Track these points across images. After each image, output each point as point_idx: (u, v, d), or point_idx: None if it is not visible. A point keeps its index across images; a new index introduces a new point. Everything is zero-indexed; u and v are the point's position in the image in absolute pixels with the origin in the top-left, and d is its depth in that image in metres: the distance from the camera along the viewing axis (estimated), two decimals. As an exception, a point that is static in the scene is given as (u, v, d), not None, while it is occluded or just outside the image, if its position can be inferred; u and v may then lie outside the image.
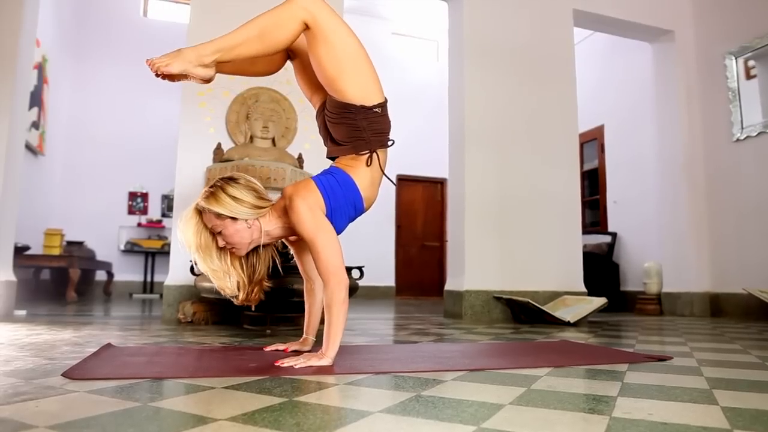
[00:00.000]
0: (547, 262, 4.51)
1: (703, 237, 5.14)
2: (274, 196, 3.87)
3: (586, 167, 6.98)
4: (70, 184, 7.71)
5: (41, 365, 1.58)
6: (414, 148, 8.87)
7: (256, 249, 1.84)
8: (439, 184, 9.45)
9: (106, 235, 7.78)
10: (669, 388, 1.36)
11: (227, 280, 1.80)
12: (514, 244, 4.45)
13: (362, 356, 1.88)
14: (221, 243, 1.75)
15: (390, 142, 1.88)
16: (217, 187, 1.74)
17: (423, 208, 9.46)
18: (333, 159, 1.94)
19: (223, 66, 1.82)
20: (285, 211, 1.77)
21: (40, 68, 6.31)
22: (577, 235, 4.69)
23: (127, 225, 7.97)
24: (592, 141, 6.96)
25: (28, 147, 5.93)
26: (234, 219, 1.71)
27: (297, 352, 1.89)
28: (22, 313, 3.68)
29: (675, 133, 5.30)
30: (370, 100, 1.78)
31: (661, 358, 1.90)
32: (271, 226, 1.79)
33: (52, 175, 7.31)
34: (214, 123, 3.88)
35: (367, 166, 1.83)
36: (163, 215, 8.17)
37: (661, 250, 5.46)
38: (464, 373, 1.54)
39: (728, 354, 2.11)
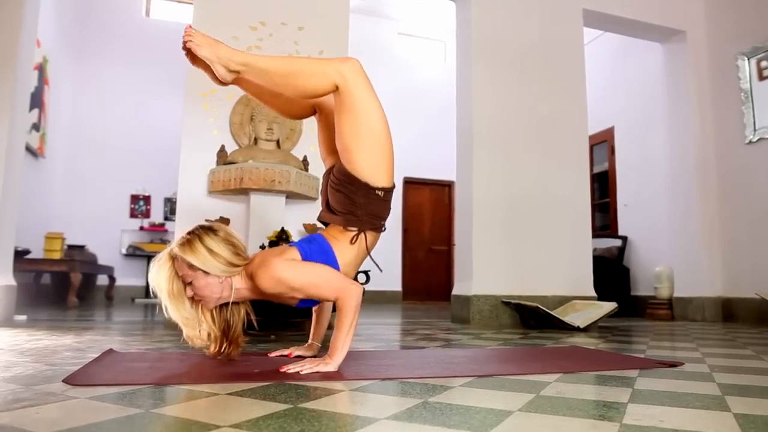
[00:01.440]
0: (557, 267, 4.46)
1: (715, 240, 5.09)
2: (280, 199, 3.85)
3: (596, 170, 6.96)
4: (71, 187, 7.65)
5: (42, 371, 1.57)
6: (421, 150, 8.86)
7: (227, 303, 1.77)
8: (447, 186, 9.38)
9: (108, 238, 7.70)
10: (680, 394, 1.36)
11: (197, 330, 1.74)
12: (522, 248, 4.41)
13: (369, 362, 1.86)
14: (189, 293, 1.69)
15: (383, 229, 1.87)
16: (194, 235, 1.69)
17: (430, 211, 9.39)
18: (325, 224, 1.92)
19: (247, 83, 1.84)
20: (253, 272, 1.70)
21: (41, 69, 6.25)
22: (587, 239, 4.65)
23: (129, 228, 7.90)
24: (603, 143, 6.94)
25: (29, 149, 5.88)
26: (206, 272, 1.65)
27: (301, 358, 1.87)
28: (23, 318, 3.64)
29: (686, 135, 5.25)
30: (376, 181, 1.77)
31: (673, 364, 1.89)
32: (242, 285, 1.73)
33: (52, 177, 7.26)
34: (218, 124, 3.84)
35: (351, 244, 1.80)
36: (166, 218, 8.10)
37: (673, 253, 5.40)
38: (472, 380, 1.53)
39: (741, 360, 2.10)
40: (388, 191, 1.82)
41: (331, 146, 1.93)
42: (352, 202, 1.78)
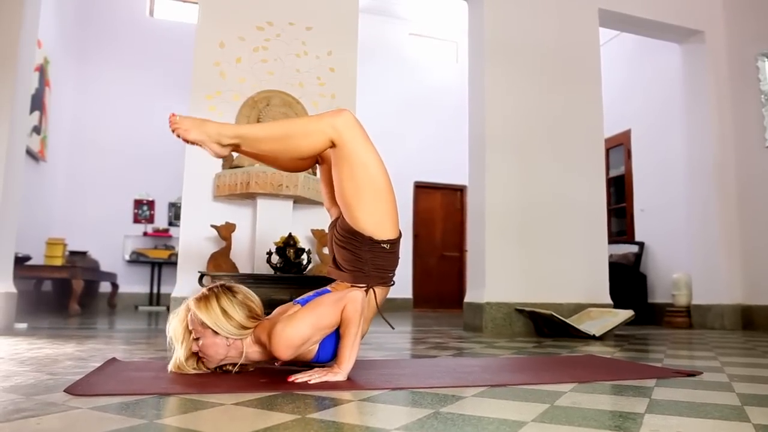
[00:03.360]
0: (572, 273, 4.42)
1: (735, 247, 5.04)
2: (287, 204, 3.74)
3: (612, 174, 6.93)
4: (73, 192, 7.56)
5: (43, 381, 1.56)
6: (432, 154, 8.82)
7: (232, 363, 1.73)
8: (459, 191, 9.25)
9: (111, 244, 7.60)
10: (699, 404, 1.35)
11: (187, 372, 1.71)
12: (537, 254, 4.36)
13: (378, 371, 1.85)
14: (195, 348, 1.67)
15: (392, 282, 1.87)
16: (212, 293, 1.68)
17: (441, 216, 9.27)
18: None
19: (245, 150, 1.86)
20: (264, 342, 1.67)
21: (42, 70, 6.18)
22: (603, 245, 4.61)
23: (132, 234, 7.80)
24: (619, 146, 6.88)
25: (29, 152, 5.80)
26: (215, 332, 1.63)
27: (309, 367, 1.82)
28: (23, 326, 3.61)
29: (705, 138, 5.19)
30: (381, 234, 1.77)
31: (691, 374, 1.87)
32: (251, 348, 1.70)
33: (54, 181, 7.18)
34: (224, 127, 3.73)
35: None
36: (170, 224, 8.01)
37: (691, 260, 5.34)
38: (485, 389, 1.53)
39: (760, 369, 2.08)
40: (395, 242, 1.81)
41: (334, 198, 1.91)
42: (359, 258, 1.77)
